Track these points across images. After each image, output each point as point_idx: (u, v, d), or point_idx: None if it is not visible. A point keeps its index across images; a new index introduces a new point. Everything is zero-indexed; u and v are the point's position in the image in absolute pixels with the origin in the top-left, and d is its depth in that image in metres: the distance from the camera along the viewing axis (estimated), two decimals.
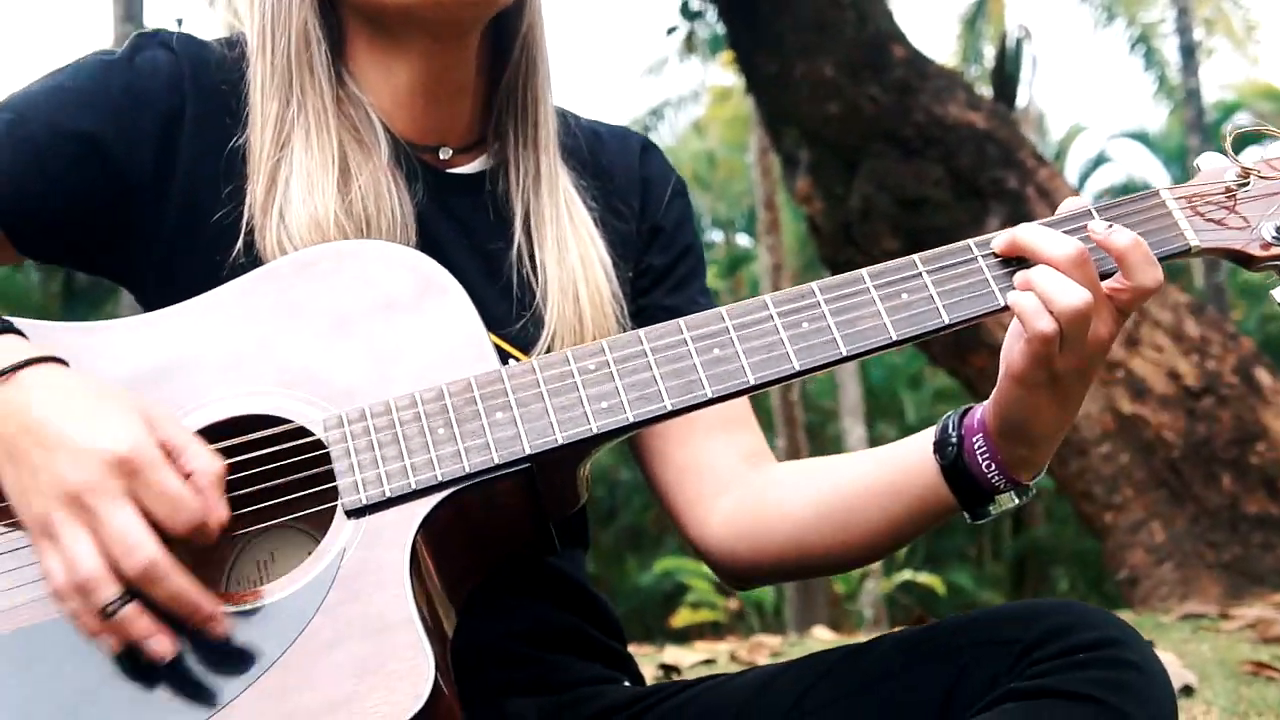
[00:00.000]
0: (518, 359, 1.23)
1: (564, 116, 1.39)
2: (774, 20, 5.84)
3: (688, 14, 7.60)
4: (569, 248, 1.28)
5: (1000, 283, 1.11)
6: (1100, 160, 22.86)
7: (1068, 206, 1.16)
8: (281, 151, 1.21)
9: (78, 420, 0.99)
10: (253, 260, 1.19)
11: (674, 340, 1.10)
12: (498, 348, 1.15)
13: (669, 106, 22.06)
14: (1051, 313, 1.06)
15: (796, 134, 6.06)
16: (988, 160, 5.73)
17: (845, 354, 1.08)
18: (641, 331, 1.10)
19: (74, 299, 17.27)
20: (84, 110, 1.19)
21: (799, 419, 15.49)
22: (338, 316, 1.12)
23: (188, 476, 0.99)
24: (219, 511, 1.00)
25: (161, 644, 0.97)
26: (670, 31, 7.86)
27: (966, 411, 1.19)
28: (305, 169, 1.20)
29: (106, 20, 13.30)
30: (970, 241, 1.13)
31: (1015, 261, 1.12)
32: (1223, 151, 1.18)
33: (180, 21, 8.12)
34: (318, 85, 1.22)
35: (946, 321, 1.10)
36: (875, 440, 20.55)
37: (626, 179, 1.40)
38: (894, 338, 1.10)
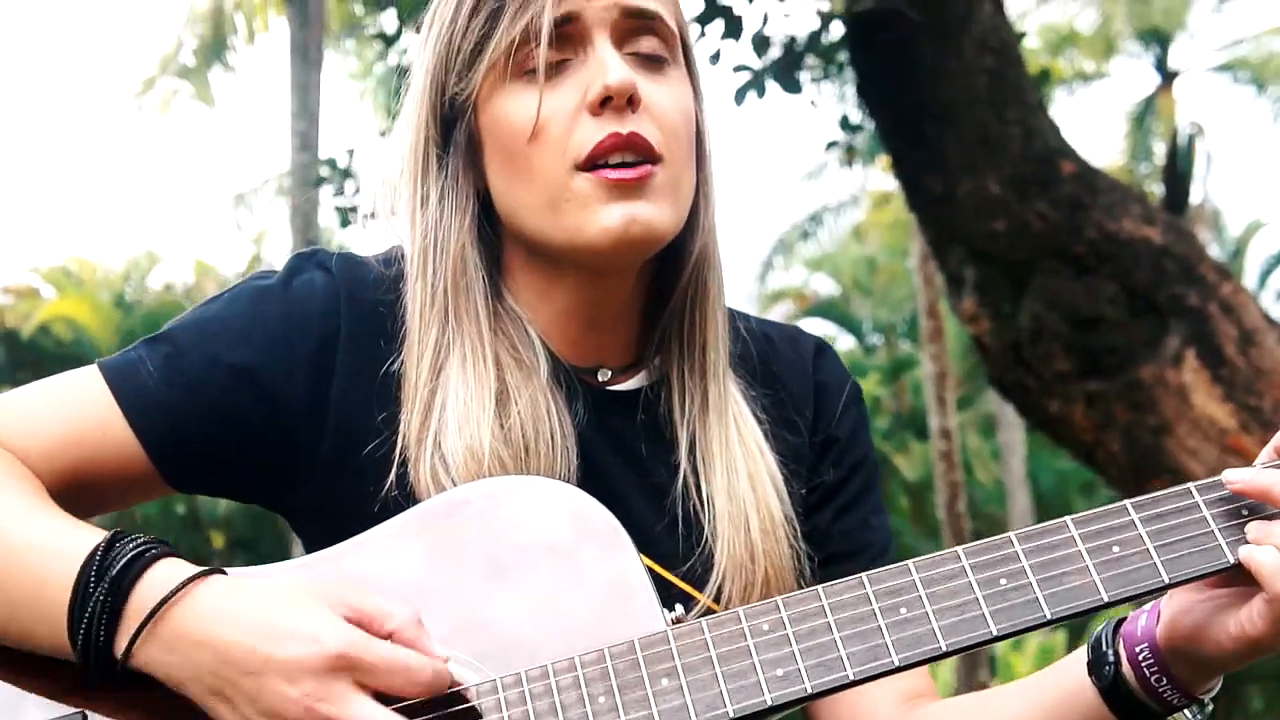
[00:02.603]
0: (692, 596, 1.16)
1: (733, 318, 1.31)
2: (938, 138, 5.73)
3: (848, 128, 7.53)
4: (739, 474, 1.20)
5: (1229, 535, 0.99)
6: None
7: None
8: (437, 380, 1.17)
9: (270, 633, 0.97)
10: (406, 493, 1.14)
11: (856, 597, 1.00)
12: (670, 585, 1.10)
13: (828, 212, 22.00)
14: None
15: (962, 252, 5.90)
16: (1166, 276, 5.48)
17: (1050, 617, 0.98)
18: (821, 588, 1.01)
19: None
20: (239, 342, 1.17)
21: (966, 529, 15.04)
22: (493, 562, 1.06)
23: (389, 637, 0.97)
24: (438, 661, 0.98)
25: None
26: (830, 146, 7.81)
27: (1120, 622, 1.09)
28: (461, 398, 1.15)
29: (284, 150, 13.89)
30: (1191, 485, 1.01)
31: (1245, 507, 0.99)
32: None
33: (352, 153, 8.36)
34: (474, 312, 1.18)
35: (1166, 581, 0.98)
36: None
37: (799, 387, 1.31)
38: (1105, 599, 0.98)
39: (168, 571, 1.02)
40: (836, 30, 6.06)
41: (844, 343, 24.08)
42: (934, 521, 16.12)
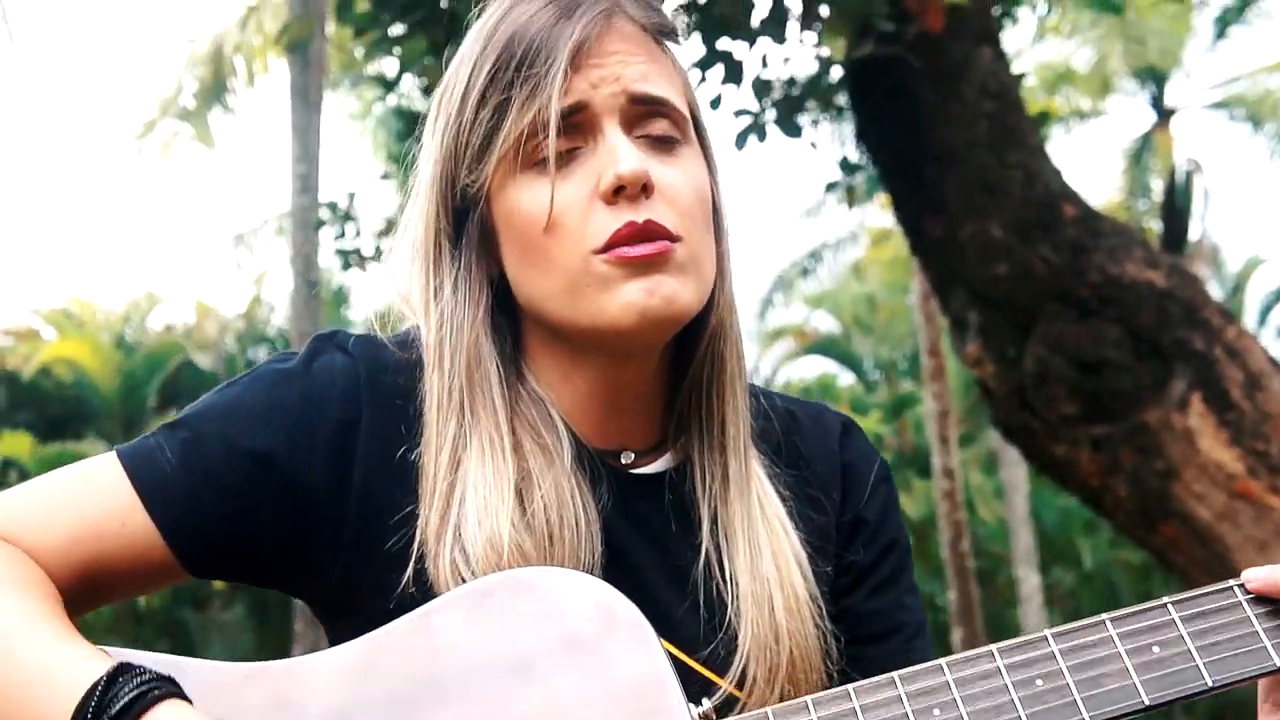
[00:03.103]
0: (715, 683, 1.13)
1: (756, 397, 1.29)
2: (938, 182, 5.74)
3: (847, 169, 7.53)
4: (762, 552, 1.18)
5: (1274, 636, 0.95)
6: None
7: None
8: (455, 474, 1.14)
9: None
10: (425, 588, 1.11)
11: (887, 697, 0.97)
12: (694, 672, 1.08)
13: (827, 248, 22.02)
14: None
15: (965, 296, 5.89)
16: (1170, 319, 5.47)
17: (1087, 718, 0.94)
18: (851, 688, 0.99)
19: None
20: (258, 427, 1.15)
21: (970, 568, 14.96)
22: (516, 658, 1.03)
23: None
24: None
25: None
26: (830, 188, 7.81)
27: None
28: (480, 491, 1.13)
29: (285, 192, 13.92)
30: (1233, 583, 0.98)
31: None
32: None
33: (352, 197, 8.37)
34: (490, 404, 1.16)
35: (1210, 684, 0.95)
36: (1050, 588, 19.75)
37: (825, 466, 1.29)
38: (1146, 702, 0.95)
39: (168, 715, 0.98)
40: (835, 73, 6.07)
41: (844, 380, 24.05)
42: (937, 560, 16.05)
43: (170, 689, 1.00)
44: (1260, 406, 5.25)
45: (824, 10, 5.40)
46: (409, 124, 7.71)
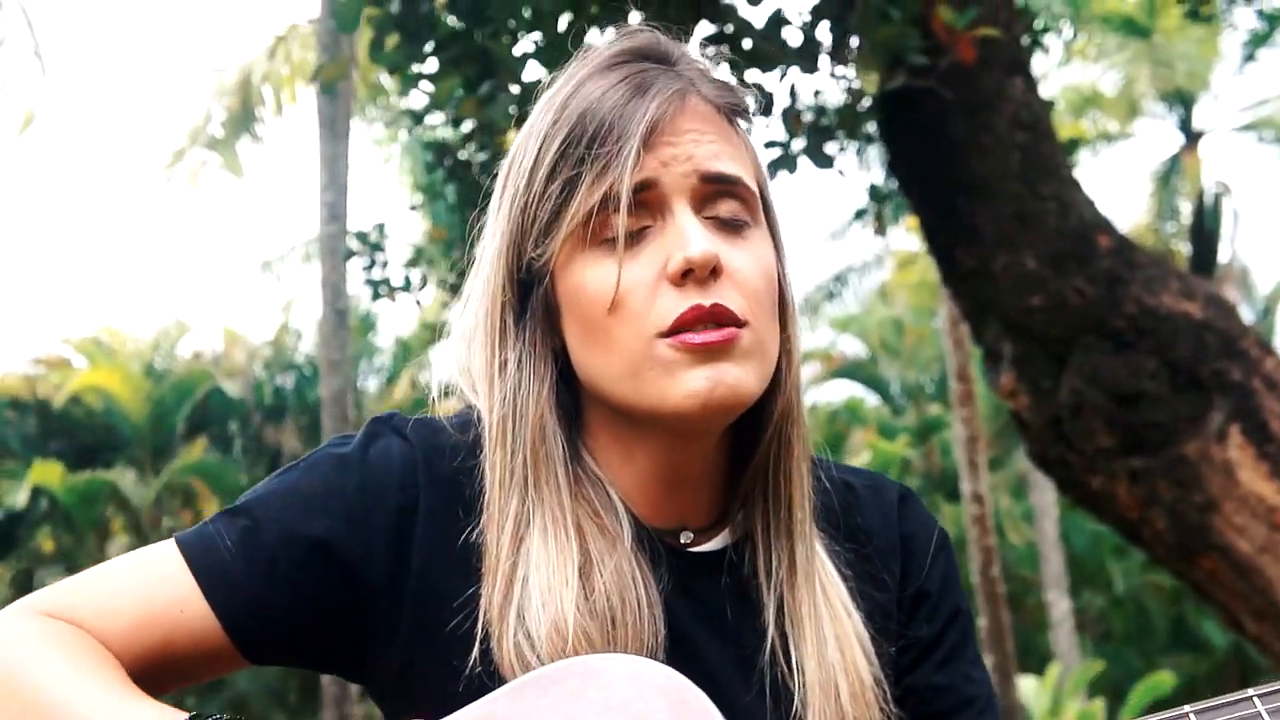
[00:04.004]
0: None
1: (815, 469, 1.27)
2: (971, 214, 5.72)
3: (877, 196, 7.52)
4: (827, 640, 1.16)
5: None
6: None
7: None
8: (518, 553, 1.13)
9: None
10: (489, 669, 1.10)
11: None
12: None
13: (852, 272, 22.00)
14: None
15: (999, 327, 5.86)
16: (1207, 351, 5.43)
17: None
18: None
19: None
20: (317, 514, 1.14)
21: (1000, 593, 14.86)
22: None
23: None
24: None
25: None
26: (859, 215, 7.78)
27: None
28: (544, 571, 1.11)
29: (312, 219, 13.98)
30: (1253, 693, 0.96)
31: None
32: None
33: (381, 228, 8.41)
34: (554, 481, 1.15)
35: None
36: (1081, 612, 19.59)
37: (885, 540, 1.27)
38: None
39: None
40: (864, 101, 6.06)
41: (871, 403, 23.97)
42: (968, 585, 15.93)
43: None
44: None
45: (855, 41, 5.40)
46: (438, 155, 7.76)
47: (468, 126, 6.95)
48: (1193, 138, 19.24)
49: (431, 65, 5.24)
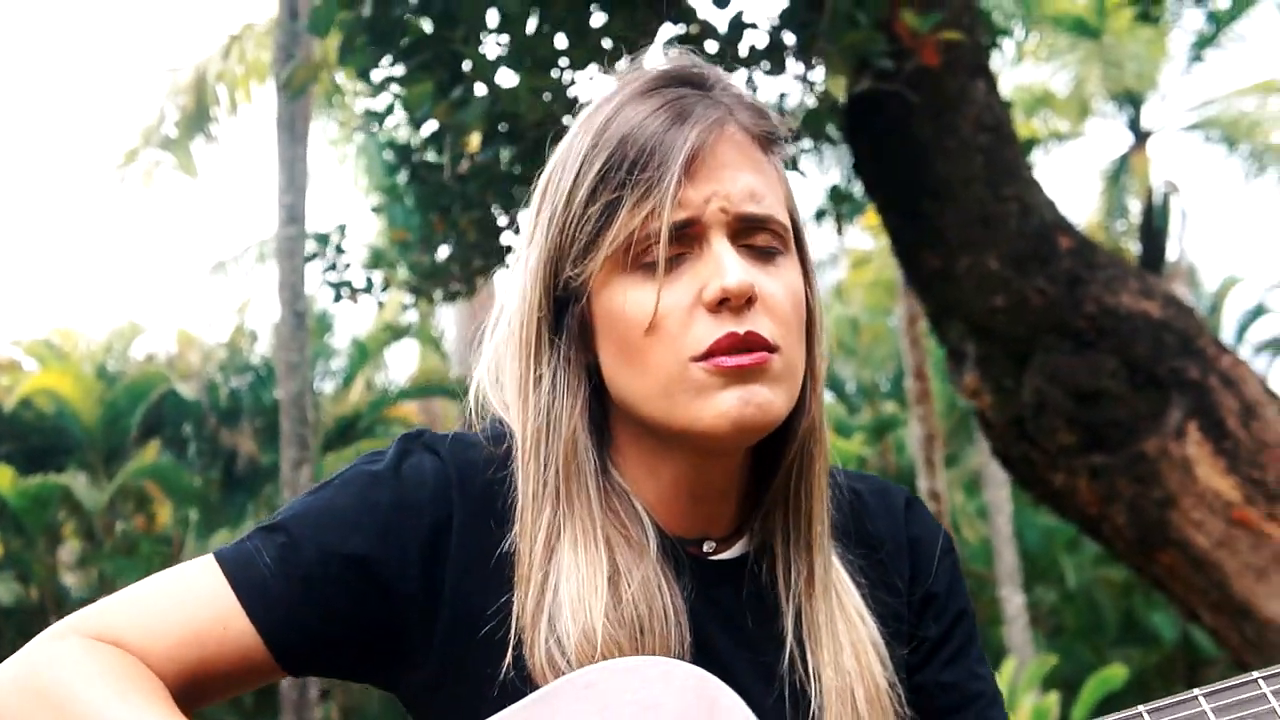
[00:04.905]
0: None
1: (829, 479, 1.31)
2: (936, 216, 5.80)
3: (837, 198, 7.57)
4: (844, 647, 1.21)
5: None
6: (1259, 312, 22.20)
7: None
8: (549, 563, 1.17)
9: None
10: (522, 675, 1.14)
11: None
12: None
13: None
14: None
15: (962, 328, 5.95)
16: (1166, 350, 5.54)
17: None
18: None
19: (232, 485, 17.75)
20: (352, 531, 1.18)
21: None
22: None
23: None
24: None
25: None
26: (819, 216, 7.85)
27: None
28: (574, 581, 1.15)
29: (266, 219, 13.90)
30: (1258, 675, 1.02)
31: None
32: None
33: (343, 229, 8.38)
34: (585, 494, 1.19)
35: None
36: (1034, 607, 19.80)
37: (894, 545, 1.32)
38: None
39: None
40: (830, 104, 6.12)
41: (827, 401, 24.08)
42: None
43: None
44: (1256, 435, 5.32)
45: (822, 44, 5.45)
46: (400, 157, 7.74)
47: (430, 129, 6.95)
48: (1141, 137, 19.51)
49: (401, 68, 5.25)
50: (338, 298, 9.01)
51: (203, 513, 18.33)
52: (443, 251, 8.18)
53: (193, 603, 1.16)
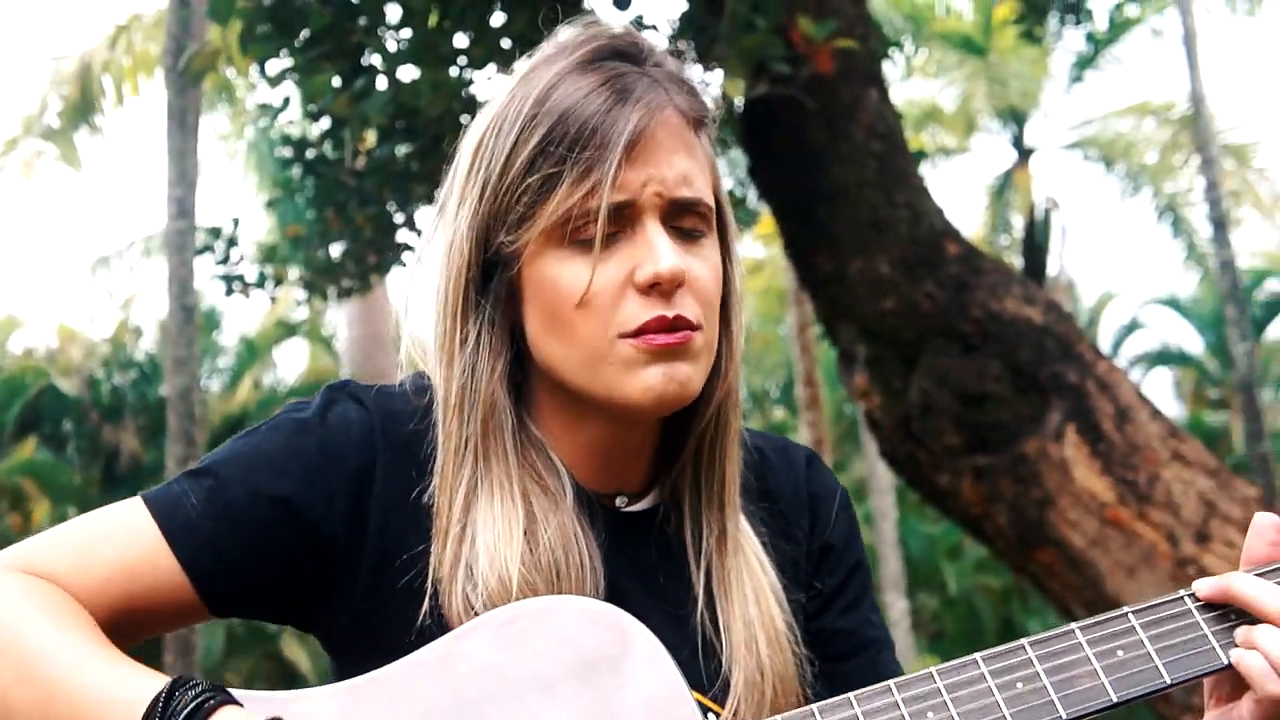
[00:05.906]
0: (718, 713, 1.22)
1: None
2: (830, 220, 5.93)
3: (730, 203, 7.61)
4: (748, 597, 1.28)
5: (1221, 638, 1.09)
6: (1133, 326, 22.93)
7: (1264, 525, 1.14)
8: (467, 516, 1.22)
9: None
10: (439, 620, 1.19)
11: (886, 704, 1.08)
12: (700, 704, 1.14)
13: None
14: None
15: (853, 330, 6.09)
16: (1047, 355, 5.73)
17: (1064, 717, 1.06)
18: (852, 696, 1.09)
19: (114, 483, 17.33)
20: (279, 474, 1.21)
21: None
22: (540, 680, 1.11)
23: None
24: None
25: None
26: None
27: None
28: (491, 532, 1.20)
29: (153, 214, 13.64)
30: (1184, 593, 1.12)
31: (1234, 612, 1.10)
32: None
33: (237, 222, 8.27)
34: (503, 452, 1.24)
35: (1168, 682, 1.08)
36: (917, 613, 20.19)
37: (794, 499, 1.39)
38: (1114, 699, 1.08)
39: (230, 718, 1.06)
40: (726, 108, 6.22)
41: None
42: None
43: (225, 697, 1.08)
44: (1129, 438, 5.53)
45: (720, 50, 5.55)
46: (296, 150, 7.67)
47: (326, 123, 6.89)
48: (1024, 154, 20.03)
49: (301, 59, 5.22)
50: (229, 291, 8.88)
51: (82, 510, 17.80)
52: (337, 248, 8.13)
53: (121, 542, 1.19)
